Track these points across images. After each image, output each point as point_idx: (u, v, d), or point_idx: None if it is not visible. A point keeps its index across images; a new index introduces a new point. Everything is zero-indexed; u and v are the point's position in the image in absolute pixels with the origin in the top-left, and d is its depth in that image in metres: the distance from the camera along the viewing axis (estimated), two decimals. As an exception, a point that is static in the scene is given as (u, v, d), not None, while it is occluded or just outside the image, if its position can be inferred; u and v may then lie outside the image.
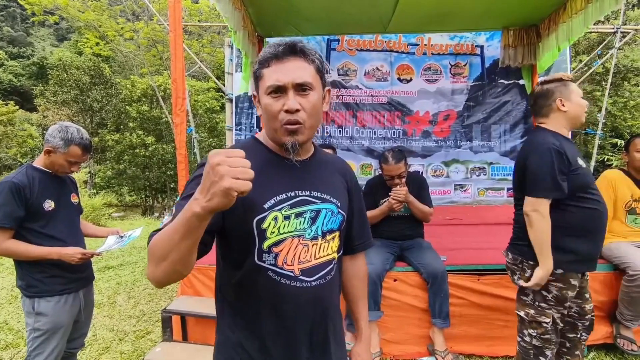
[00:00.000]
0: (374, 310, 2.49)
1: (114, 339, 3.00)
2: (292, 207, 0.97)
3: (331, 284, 1.04)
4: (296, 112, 0.93)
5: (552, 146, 1.74)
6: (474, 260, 2.80)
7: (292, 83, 0.92)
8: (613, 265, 2.60)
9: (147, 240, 0.86)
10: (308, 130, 0.96)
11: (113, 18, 10.94)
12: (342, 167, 1.17)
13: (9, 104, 16.54)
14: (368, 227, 1.25)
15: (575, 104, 1.83)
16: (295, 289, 0.96)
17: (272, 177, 0.98)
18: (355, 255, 1.23)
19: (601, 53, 5.56)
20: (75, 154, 1.86)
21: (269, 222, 0.93)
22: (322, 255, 1.01)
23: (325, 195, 1.03)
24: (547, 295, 1.81)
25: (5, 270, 4.94)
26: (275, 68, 0.94)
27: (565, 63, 4.45)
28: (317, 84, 0.97)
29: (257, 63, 0.98)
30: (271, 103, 0.94)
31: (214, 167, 0.69)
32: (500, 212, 4.21)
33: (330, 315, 1.05)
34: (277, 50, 0.94)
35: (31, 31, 39.84)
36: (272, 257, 0.95)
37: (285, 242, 0.96)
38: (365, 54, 4.49)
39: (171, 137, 12.73)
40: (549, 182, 1.72)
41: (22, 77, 27.67)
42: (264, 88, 0.95)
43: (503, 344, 2.56)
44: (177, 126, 2.50)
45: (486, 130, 4.51)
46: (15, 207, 1.73)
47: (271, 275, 0.95)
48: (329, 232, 1.02)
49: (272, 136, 1.01)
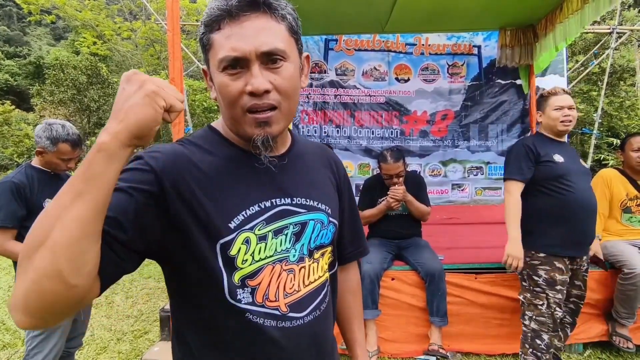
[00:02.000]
0: (371, 308, 2.50)
1: (111, 339, 3.00)
2: (268, 223, 0.71)
3: (327, 314, 0.81)
4: (265, 93, 0.65)
5: (524, 142, 2.18)
6: (471, 259, 2.82)
7: (256, 52, 0.64)
8: (609, 264, 2.62)
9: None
10: (284, 116, 0.70)
11: (110, 17, 10.92)
12: (327, 157, 0.90)
13: (5, 104, 16.43)
14: (362, 231, 1.03)
15: (547, 116, 2.18)
16: (286, 331, 0.71)
17: (237, 184, 0.71)
18: (346, 266, 0.99)
19: (597, 53, 5.59)
20: (65, 151, 1.85)
21: (238, 247, 0.67)
22: (312, 280, 0.77)
23: (312, 201, 0.78)
24: (538, 280, 2.07)
25: (2, 270, 4.92)
26: (229, 31, 0.64)
27: (561, 63, 4.48)
28: (292, 50, 0.69)
29: (203, 25, 0.68)
30: (228, 82, 0.66)
31: (131, 78, 0.54)
32: (497, 211, 4.22)
33: (327, 352, 0.82)
34: (229, 3, 0.64)
35: (28, 30, 39.64)
36: (246, 293, 0.68)
37: (263, 271, 0.70)
38: (363, 54, 4.50)
39: (169, 137, 12.70)
40: (513, 167, 2.14)
41: (19, 77, 27.52)
42: (216, 61, 0.66)
43: (500, 342, 2.58)
44: (175, 126, 2.49)
45: (483, 129, 4.52)
46: (16, 207, 1.74)
47: (251, 318, 0.69)
48: (318, 247, 0.79)
49: (233, 128, 0.72)
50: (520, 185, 2.12)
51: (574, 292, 2.22)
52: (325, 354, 0.80)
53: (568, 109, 2.12)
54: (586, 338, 2.60)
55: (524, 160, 2.11)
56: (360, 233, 1.01)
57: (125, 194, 0.61)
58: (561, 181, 2.06)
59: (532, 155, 2.10)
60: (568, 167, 2.09)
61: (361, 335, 0.98)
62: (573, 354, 2.60)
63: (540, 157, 2.09)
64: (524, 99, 4.44)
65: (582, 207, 2.06)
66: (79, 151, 1.93)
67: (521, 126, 4.47)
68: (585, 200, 2.07)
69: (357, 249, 0.99)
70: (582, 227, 2.08)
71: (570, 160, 2.12)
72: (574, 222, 2.05)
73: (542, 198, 2.10)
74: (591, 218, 2.12)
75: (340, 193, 0.90)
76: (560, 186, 2.06)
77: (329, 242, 0.82)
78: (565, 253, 2.06)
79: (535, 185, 2.11)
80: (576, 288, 2.22)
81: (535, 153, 2.10)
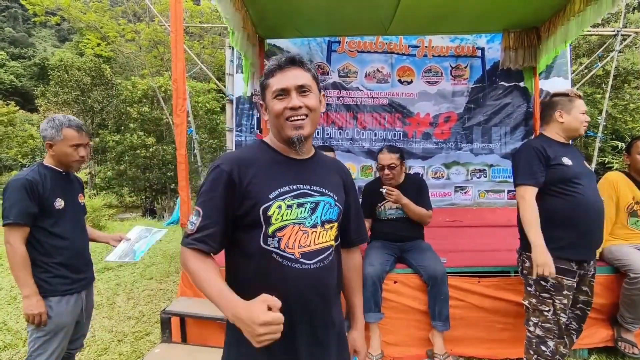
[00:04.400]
0: (374, 312, 2.48)
1: (112, 340, 2.99)
2: (294, 198, 1.09)
3: (330, 269, 1.14)
4: (299, 108, 1.09)
5: (532, 145, 2.11)
6: (474, 262, 2.80)
7: (294, 85, 1.10)
8: (614, 268, 2.59)
9: (181, 246, 1.10)
10: (310, 125, 1.12)
11: (114, 19, 10.96)
12: (339, 168, 1.31)
13: (10, 105, 16.58)
14: (364, 224, 1.38)
15: (573, 117, 2.10)
16: (297, 271, 1.07)
17: (276, 173, 1.12)
18: (351, 249, 1.34)
19: (602, 56, 5.57)
20: (72, 136, 1.86)
21: (274, 210, 1.06)
22: (321, 242, 1.12)
23: (324, 189, 1.15)
24: (546, 285, 2.02)
25: (4, 270, 4.93)
26: (279, 76, 1.11)
27: (565, 65, 4.46)
28: (315, 88, 1.14)
29: (263, 76, 1.16)
30: (277, 103, 1.11)
31: (259, 327, 0.88)
32: (500, 214, 4.20)
33: (330, 302, 1.15)
34: (280, 62, 1.12)
35: (33, 32, 39.94)
36: (276, 241, 1.06)
37: (287, 228, 1.07)
38: (366, 56, 4.50)
39: (172, 138, 12.74)
40: (524, 171, 2.07)
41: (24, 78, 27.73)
42: (271, 93, 1.12)
43: (503, 346, 2.55)
44: (178, 127, 2.49)
45: (487, 132, 4.50)
46: (29, 204, 1.74)
47: (275, 258, 1.06)
48: (327, 221, 1.14)
49: (278, 135, 1.15)
50: (534, 190, 2.05)
51: (580, 297, 2.17)
52: (324, 296, 1.13)
53: (587, 114, 2.13)
54: (591, 343, 2.57)
55: (535, 164, 2.04)
56: (362, 225, 1.36)
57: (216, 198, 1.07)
58: (570, 184, 2.02)
59: (543, 158, 2.04)
60: (577, 169, 2.05)
61: (360, 302, 1.35)
62: (578, 359, 2.57)
63: (550, 160, 2.04)
64: (528, 102, 4.42)
65: (592, 209, 2.03)
66: (85, 136, 1.92)
67: (525, 129, 4.45)
68: (594, 203, 2.04)
69: (360, 237, 1.35)
70: (591, 230, 2.04)
71: (577, 163, 2.09)
72: (583, 225, 2.01)
73: (551, 201, 2.05)
74: (600, 221, 2.08)
75: (346, 192, 1.27)
76: (569, 189, 2.02)
77: (335, 219, 1.17)
78: (574, 257, 2.02)
79: (544, 188, 2.06)
80: (583, 294, 2.16)
81: (546, 156, 2.05)
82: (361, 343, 1.30)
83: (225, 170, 1.08)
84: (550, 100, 2.18)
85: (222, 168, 1.09)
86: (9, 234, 1.73)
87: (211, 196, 1.08)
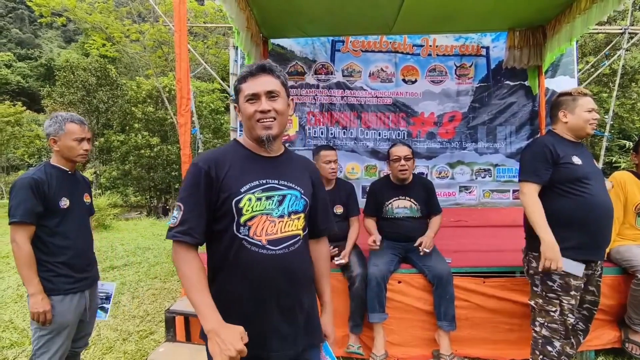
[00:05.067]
0: (378, 312, 2.47)
1: (117, 339, 3.00)
2: (263, 191, 1.21)
3: (296, 254, 1.25)
4: (268, 111, 1.21)
5: (542, 142, 2.07)
6: (479, 263, 2.78)
7: (264, 91, 1.22)
8: (622, 269, 2.57)
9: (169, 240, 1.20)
10: (278, 125, 1.24)
11: (119, 20, 11.03)
12: (308, 165, 1.44)
13: (17, 105, 16.70)
14: (331, 216, 1.51)
15: (577, 117, 2.06)
16: (263, 255, 1.19)
17: (248, 169, 1.24)
18: (319, 239, 1.46)
19: (609, 54, 5.51)
20: (74, 130, 1.89)
21: (245, 202, 1.18)
22: (287, 230, 1.24)
23: (290, 183, 1.27)
24: (553, 285, 2.00)
25: (11, 269, 4.98)
26: (251, 82, 1.23)
27: (572, 64, 4.41)
28: (283, 94, 1.26)
29: (237, 81, 1.28)
30: (248, 107, 1.23)
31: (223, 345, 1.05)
32: (506, 214, 4.17)
33: (297, 285, 1.25)
34: (251, 69, 1.25)
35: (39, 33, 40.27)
36: (246, 230, 1.19)
37: (256, 218, 1.19)
38: (370, 55, 4.48)
39: (176, 138, 12.78)
40: (529, 168, 2.05)
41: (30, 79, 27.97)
42: (243, 97, 1.24)
43: (509, 347, 2.53)
44: (182, 126, 2.50)
45: (491, 131, 4.47)
46: (35, 203, 1.76)
47: (245, 244, 1.18)
48: (294, 212, 1.26)
49: (250, 134, 1.27)
50: (536, 187, 2.02)
51: (587, 298, 2.14)
52: (290, 279, 1.23)
53: (595, 112, 2.07)
54: (598, 345, 2.54)
55: (541, 162, 2.01)
56: (330, 217, 1.49)
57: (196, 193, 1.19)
58: (579, 184, 1.98)
59: (551, 156, 2.00)
60: (586, 169, 2.02)
61: (328, 288, 1.45)
62: (584, 360, 2.54)
63: (560, 158, 2.00)
64: (533, 101, 4.39)
65: (601, 209, 1.99)
66: (87, 130, 1.96)
67: (530, 128, 4.41)
68: (603, 203, 2.01)
69: (327, 227, 1.47)
70: (599, 230, 2.01)
71: (587, 162, 2.05)
72: (592, 224, 1.97)
73: (560, 200, 2.01)
74: (609, 221, 2.05)
75: (314, 187, 1.38)
76: (578, 188, 1.98)
77: (302, 210, 1.29)
78: (582, 257, 1.98)
79: (553, 187, 2.02)
80: (590, 294, 2.14)
81: (555, 155, 2.00)
82: (331, 328, 1.40)
83: (202, 168, 1.20)
84: (555, 101, 2.17)
85: (200, 166, 1.20)
86: (15, 233, 1.75)
87: (191, 192, 1.20)
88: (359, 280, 2.51)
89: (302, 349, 1.26)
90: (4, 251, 5.93)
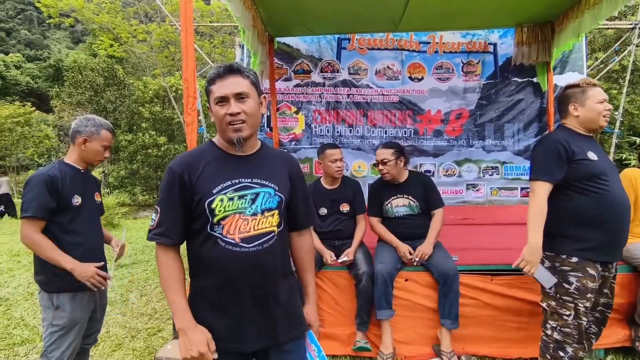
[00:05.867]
0: (385, 309, 2.47)
1: (126, 336, 3.04)
2: (235, 191, 1.24)
3: (269, 251, 1.27)
4: (237, 114, 1.22)
5: (555, 138, 1.94)
6: (486, 261, 2.76)
7: (232, 93, 1.22)
8: (633, 267, 2.53)
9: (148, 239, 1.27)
10: (249, 127, 1.26)
11: (126, 20, 11.10)
12: (285, 159, 1.44)
13: (27, 106, 16.90)
14: (313, 209, 1.52)
15: (588, 109, 1.95)
16: (236, 253, 1.22)
17: (220, 169, 1.26)
18: (301, 231, 1.48)
19: (618, 50, 5.43)
20: (107, 138, 2.00)
21: (217, 203, 1.22)
22: (260, 228, 1.26)
23: (264, 181, 1.29)
24: (569, 288, 1.87)
25: (22, 267, 5.05)
26: (219, 84, 1.23)
27: (581, 60, 4.36)
28: (253, 93, 1.26)
29: (206, 82, 1.28)
30: (218, 110, 1.24)
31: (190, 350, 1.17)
32: (513, 212, 4.14)
33: (271, 280, 1.28)
34: (219, 71, 1.25)
35: (48, 34, 40.72)
36: (220, 229, 1.23)
37: (229, 217, 1.22)
38: (376, 53, 4.46)
39: (183, 137, 12.85)
40: (541, 166, 1.93)
41: (39, 79, 28.29)
42: (213, 99, 1.25)
43: (516, 346, 2.51)
44: (189, 125, 2.50)
45: (499, 129, 4.44)
46: (48, 199, 1.79)
47: (219, 243, 1.23)
48: (267, 210, 1.28)
49: (222, 136, 1.29)
50: (548, 187, 1.90)
51: (601, 300, 2.04)
52: (264, 274, 1.26)
53: (607, 102, 1.95)
54: (608, 343, 2.51)
55: (555, 159, 1.88)
56: (310, 210, 1.49)
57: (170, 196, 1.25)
58: (597, 180, 1.86)
59: (565, 153, 1.87)
60: (602, 164, 1.90)
61: (312, 280, 1.49)
62: (594, 359, 2.52)
63: (575, 155, 1.87)
64: (542, 97, 4.34)
65: (620, 207, 1.88)
66: (113, 139, 2.07)
67: (538, 125, 4.37)
68: (622, 200, 1.90)
69: (308, 220, 1.48)
70: (618, 229, 1.89)
71: (602, 157, 1.93)
72: (611, 223, 1.87)
73: (576, 199, 1.89)
74: (627, 219, 1.93)
75: (293, 181, 1.39)
76: (596, 185, 1.86)
77: (275, 207, 1.30)
78: (601, 259, 1.88)
79: (568, 185, 1.89)
80: (603, 296, 2.04)
81: (570, 151, 1.87)
82: (314, 316, 1.43)
83: (176, 172, 1.24)
84: (563, 94, 2.05)
85: (174, 170, 1.25)
86: (26, 226, 1.78)
87: (166, 195, 1.25)
88: (365, 278, 2.51)
89: (284, 341, 1.30)
90: (14, 249, 6.02)
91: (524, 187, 4.37)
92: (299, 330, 1.36)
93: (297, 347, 1.35)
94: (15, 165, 17.33)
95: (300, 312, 1.38)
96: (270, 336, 1.28)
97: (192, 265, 1.31)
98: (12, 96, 23.97)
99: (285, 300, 1.31)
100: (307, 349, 1.39)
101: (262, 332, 1.27)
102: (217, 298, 1.25)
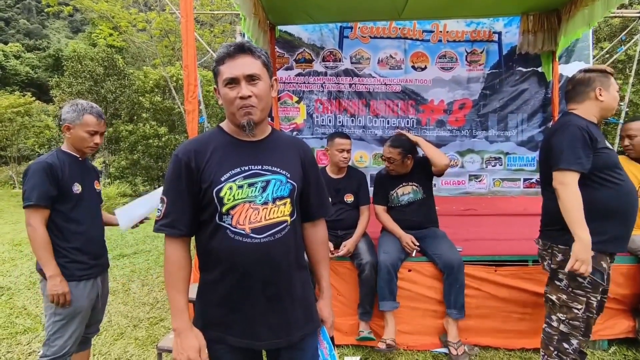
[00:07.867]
0: (389, 300, 2.47)
1: (128, 325, 3.04)
2: (245, 179, 1.17)
3: (282, 242, 1.19)
4: (248, 97, 1.14)
5: (578, 124, 1.82)
6: (490, 251, 2.75)
7: (243, 75, 1.14)
8: (636, 258, 2.52)
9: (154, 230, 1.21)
10: (260, 111, 1.18)
11: (125, 8, 10.96)
12: (299, 146, 1.35)
13: (26, 96, 16.81)
14: (327, 198, 1.42)
15: (611, 96, 1.90)
16: (246, 244, 1.15)
17: (229, 156, 1.19)
18: (315, 222, 1.39)
19: (624, 39, 5.35)
20: (90, 122, 1.90)
21: (225, 192, 1.15)
22: (272, 217, 1.18)
23: (275, 168, 1.21)
24: (583, 282, 1.81)
25: (24, 257, 5.06)
26: (229, 64, 1.15)
27: (587, 49, 4.29)
28: (265, 75, 1.18)
29: (215, 62, 1.20)
30: (228, 92, 1.16)
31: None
32: (516, 203, 4.12)
33: (285, 274, 1.21)
34: (229, 50, 1.16)
35: (46, 23, 40.37)
36: (229, 219, 1.16)
37: (238, 206, 1.15)
38: (379, 42, 4.39)
39: (184, 127, 12.80)
40: (571, 155, 1.78)
41: (39, 69, 28.09)
42: (222, 81, 1.16)
43: (519, 336, 2.52)
44: (189, 114, 2.47)
45: (503, 119, 4.38)
46: (49, 187, 1.77)
47: (228, 234, 1.16)
48: (278, 198, 1.20)
49: (231, 120, 1.21)
50: (577, 177, 1.78)
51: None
52: (276, 268, 1.19)
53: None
54: (611, 334, 2.51)
55: (583, 148, 1.78)
56: (324, 200, 1.41)
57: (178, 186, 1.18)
58: (617, 170, 1.82)
59: (590, 141, 1.79)
60: (615, 154, 1.88)
61: (326, 273, 1.40)
62: (597, 350, 2.51)
63: (598, 143, 1.80)
64: (546, 87, 4.28)
65: (633, 197, 1.85)
66: (103, 124, 1.96)
67: (542, 115, 4.32)
68: (634, 190, 1.87)
69: (322, 210, 1.39)
70: (632, 220, 1.87)
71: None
72: (629, 215, 1.84)
73: (594, 190, 1.81)
74: (637, 209, 1.90)
75: (306, 168, 1.31)
76: (616, 176, 1.82)
77: (287, 195, 1.22)
78: (612, 250, 1.85)
79: (591, 176, 1.81)
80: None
81: (593, 139, 1.80)
82: (327, 312, 1.35)
83: (182, 159, 1.18)
84: (587, 77, 1.92)
85: (180, 157, 1.18)
86: (30, 216, 1.76)
87: (173, 184, 1.19)
88: (368, 268, 2.50)
89: (299, 338, 1.24)
90: (16, 239, 6.03)
91: (527, 178, 4.34)
92: (312, 327, 1.29)
93: (309, 345, 1.28)
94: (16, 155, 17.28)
95: (314, 308, 1.32)
96: (284, 333, 1.21)
97: (201, 259, 1.25)
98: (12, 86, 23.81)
99: (300, 295, 1.25)
100: (319, 345, 1.33)
101: (275, 330, 1.20)
102: (228, 293, 1.18)
